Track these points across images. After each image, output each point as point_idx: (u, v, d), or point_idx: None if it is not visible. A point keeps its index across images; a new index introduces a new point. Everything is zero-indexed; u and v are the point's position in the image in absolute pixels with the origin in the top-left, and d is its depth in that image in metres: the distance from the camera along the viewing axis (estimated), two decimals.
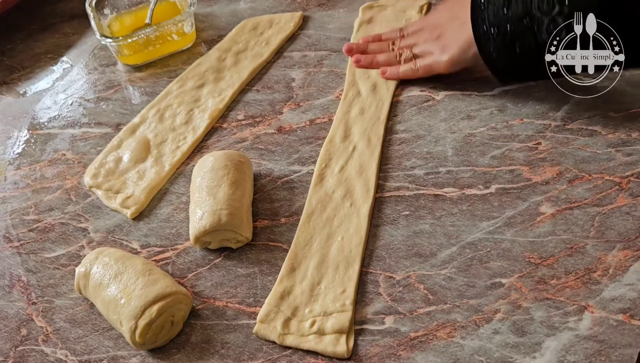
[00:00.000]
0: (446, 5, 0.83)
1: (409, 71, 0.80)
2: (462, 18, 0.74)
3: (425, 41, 0.80)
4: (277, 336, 0.59)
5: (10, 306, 0.66)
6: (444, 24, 0.79)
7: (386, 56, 0.83)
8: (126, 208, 0.73)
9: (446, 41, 0.77)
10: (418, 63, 0.80)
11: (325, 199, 0.69)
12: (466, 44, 0.74)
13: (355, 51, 0.85)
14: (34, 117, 0.88)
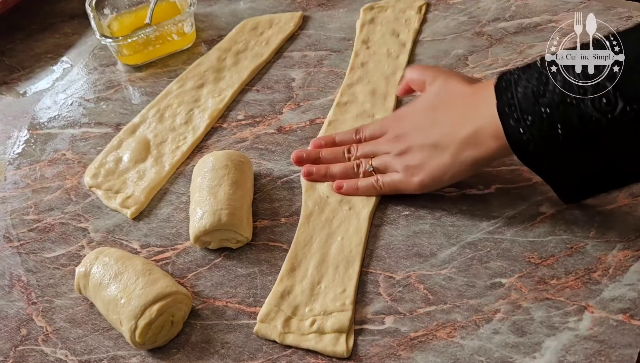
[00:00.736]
0: (413, 111, 0.69)
1: (370, 188, 0.68)
2: (435, 137, 0.63)
3: (385, 153, 0.68)
4: (278, 335, 0.59)
5: (10, 306, 0.66)
6: (411, 135, 0.66)
7: (342, 167, 0.70)
8: (126, 208, 0.73)
9: (413, 162, 0.65)
10: (380, 180, 0.67)
11: (321, 202, 0.69)
12: (440, 170, 0.63)
13: (305, 161, 0.72)
14: (34, 117, 0.88)
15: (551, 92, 0.54)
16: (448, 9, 0.91)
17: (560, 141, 0.54)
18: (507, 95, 0.57)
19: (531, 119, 0.55)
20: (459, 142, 0.61)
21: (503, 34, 0.85)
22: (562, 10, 0.86)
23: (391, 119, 0.71)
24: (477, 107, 0.60)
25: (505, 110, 0.57)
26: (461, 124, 0.61)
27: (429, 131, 0.64)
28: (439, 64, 0.83)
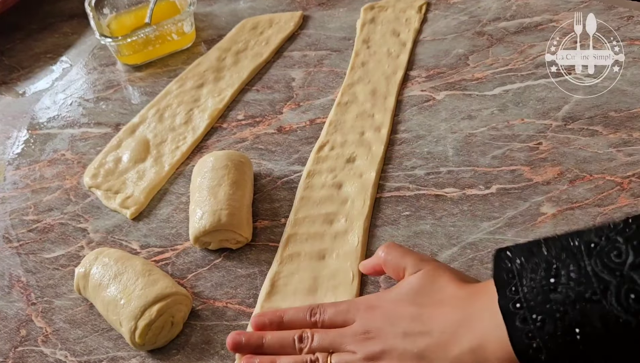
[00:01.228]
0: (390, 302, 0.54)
1: None
2: (423, 348, 0.49)
3: (351, 352, 0.52)
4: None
5: (9, 307, 0.66)
6: (386, 335, 0.51)
7: (292, 361, 0.53)
8: (126, 208, 0.72)
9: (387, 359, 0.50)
10: None
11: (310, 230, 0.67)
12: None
13: (244, 347, 0.55)
14: (34, 117, 0.87)
15: (564, 286, 0.43)
16: (448, 9, 0.91)
17: (581, 349, 0.42)
18: (512, 289, 0.45)
19: (541, 319, 0.43)
20: (452, 359, 0.48)
21: (504, 34, 0.85)
22: (562, 10, 0.86)
23: (361, 304, 0.55)
24: (476, 315, 0.48)
25: (509, 308, 0.45)
26: (455, 335, 0.48)
27: (412, 338, 0.50)
28: (439, 64, 0.83)
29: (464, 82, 0.80)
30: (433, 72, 0.82)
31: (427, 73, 0.82)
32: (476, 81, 0.79)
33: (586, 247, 0.43)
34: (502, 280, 0.46)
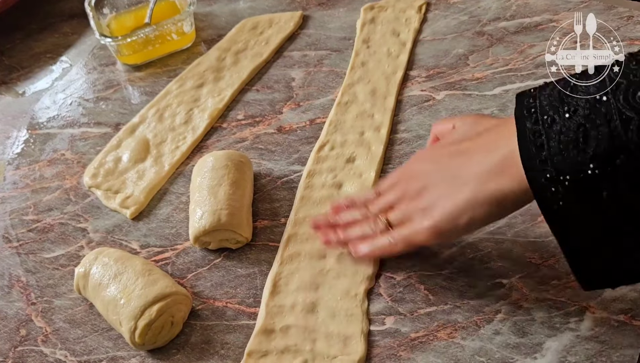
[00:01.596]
0: (433, 149, 0.61)
1: (386, 246, 0.58)
2: (455, 169, 0.54)
3: (400, 200, 0.58)
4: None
5: (9, 307, 0.66)
6: (427, 172, 0.56)
7: (359, 230, 0.61)
8: (125, 208, 0.72)
9: (430, 199, 0.55)
10: (395, 235, 0.58)
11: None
12: (458, 209, 0.52)
13: (323, 227, 0.64)
14: (33, 117, 0.87)
15: (578, 89, 0.45)
16: (448, 9, 0.91)
17: (581, 147, 0.43)
18: (529, 100, 0.49)
19: (550, 119, 0.45)
20: (482, 174, 0.50)
21: (504, 34, 0.85)
22: (562, 9, 0.86)
23: (410, 160, 0.62)
24: (503, 134, 0.51)
25: (523, 113, 0.48)
26: (484, 152, 0.51)
27: (449, 165, 0.54)
28: (439, 63, 0.83)
29: (464, 82, 0.80)
30: (433, 72, 0.82)
31: (427, 73, 0.82)
32: (476, 80, 0.79)
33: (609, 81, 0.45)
34: (522, 95, 0.50)
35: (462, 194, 0.52)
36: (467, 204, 0.52)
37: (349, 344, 0.57)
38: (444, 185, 0.54)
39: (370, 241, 0.60)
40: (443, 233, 0.54)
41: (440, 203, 0.53)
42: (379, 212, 0.60)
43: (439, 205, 0.53)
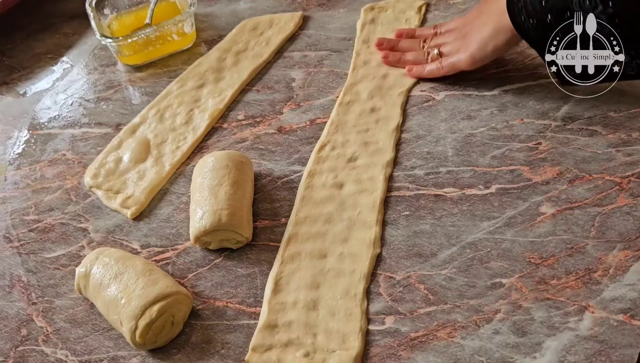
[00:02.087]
0: (477, 5, 0.83)
1: (434, 69, 0.80)
2: (485, 16, 0.76)
3: (453, 40, 0.80)
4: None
5: (10, 307, 0.66)
6: (471, 22, 0.79)
7: (414, 55, 0.83)
8: (126, 208, 0.73)
9: (469, 39, 0.77)
10: (443, 62, 0.80)
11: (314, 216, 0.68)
12: (483, 41, 0.75)
13: (385, 47, 0.85)
14: (34, 117, 0.88)
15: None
16: (448, 9, 0.91)
17: (548, 22, 0.68)
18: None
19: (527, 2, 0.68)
20: (496, 10, 0.73)
21: None
22: None
23: (458, 18, 0.84)
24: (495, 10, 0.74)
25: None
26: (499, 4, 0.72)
27: (480, 13, 0.78)
28: None
29: (464, 83, 0.80)
30: None
31: None
32: (476, 81, 0.80)
33: None
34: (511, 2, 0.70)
35: (488, 27, 0.75)
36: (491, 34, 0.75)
37: (347, 340, 0.57)
38: (478, 29, 0.76)
39: (422, 65, 0.82)
40: (479, 59, 0.77)
41: (474, 40, 0.76)
42: (434, 45, 0.82)
43: (474, 42, 0.76)
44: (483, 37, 0.75)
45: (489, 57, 0.77)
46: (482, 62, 0.77)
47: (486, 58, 0.77)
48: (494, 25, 0.74)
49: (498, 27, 0.73)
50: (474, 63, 0.77)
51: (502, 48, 0.75)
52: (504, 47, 0.75)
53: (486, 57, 0.77)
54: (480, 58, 0.77)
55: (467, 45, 0.77)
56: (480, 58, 0.77)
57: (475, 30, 0.77)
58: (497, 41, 0.74)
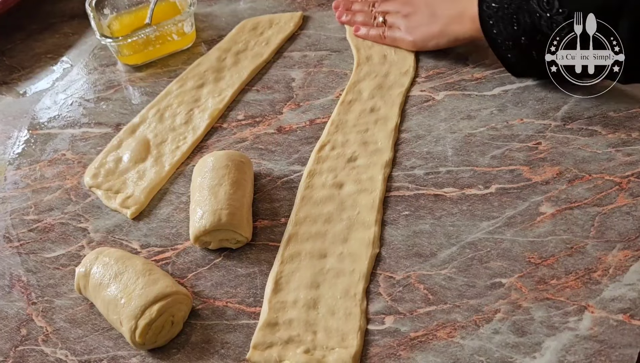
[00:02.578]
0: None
1: (377, 37, 0.87)
2: (434, 9, 0.81)
3: (395, 13, 0.86)
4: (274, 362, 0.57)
5: (10, 306, 0.66)
6: (417, 4, 0.84)
7: (363, 17, 0.89)
8: (126, 208, 0.73)
9: (413, 24, 0.83)
10: (386, 32, 0.86)
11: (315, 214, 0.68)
12: (430, 36, 0.82)
13: (342, 7, 0.92)
14: (34, 117, 0.88)
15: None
16: None
17: (515, 29, 0.71)
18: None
19: (497, 8, 0.72)
20: (448, 17, 0.80)
21: None
22: None
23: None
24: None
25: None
26: (455, 6, 0.79)
27: (432, 3, 0.82)
28: (438, 64, 0.83)
29: (464, 83, 0.80)
30: (432, 73, 0.82)
31: (426, 73, 0.83)
32: (475, 81, 0.80)
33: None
34: None
35: (433, 28, 0.82)
36: (434, 36, 0.82)
37: (347, 339, 0.57)
38: (426, 18, 0.82)
39: (368, 28, 0.88)
40: (420, 47, 0.84)
41: (419, 29, 0.83)
42: (379, 12, 0.88)
43: (418, 30, 0.83)
44: (430, 33, 0.82)
45: (429, 49, 0.84)
46: (422, 50, 0.84)
47: (426, 49, 0.84)
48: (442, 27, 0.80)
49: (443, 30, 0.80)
50: (415, 48, 0.84)
51: (443, 46, 0.82)
52: (445, 46, 0.82)
53: (426, 48, 0.84)
54: (422, 47, 0.84)
55: (410, 28, 0.84)
56: (421, 47, 0.84)
57: (422, 19, 0.82)
58: (439, 41, 0.81)
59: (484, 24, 0.74)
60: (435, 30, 0.81)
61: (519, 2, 0.70)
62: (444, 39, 0.81)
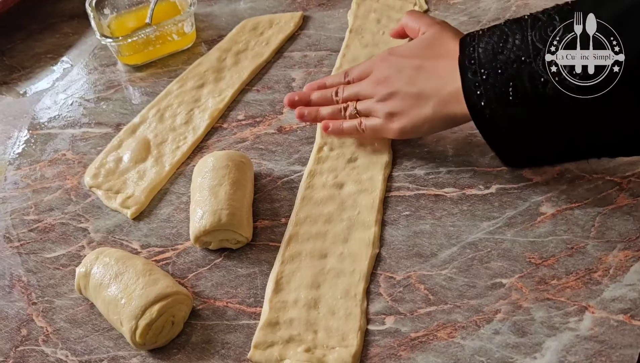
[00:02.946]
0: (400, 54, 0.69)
1: (354, 130, 0.71)
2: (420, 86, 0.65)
3: (369, 96, 0.70)
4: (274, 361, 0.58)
5: (10, 307, 0.66)
6: (394, 80, 0.67)
7: (330, 110, 0.73)
8: (126, 208, 0.73)
9: (396, 108, 0.67)
10: (364, 123, 0.70)
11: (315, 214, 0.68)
12: (420, 120, 0.66)
13: (298, 103, 0.75)
14: (34, 117, 0.88)
15: (509, 50, 0.57)
16: (448, 9, 0.91)
17: (510, 100, 0.56)
18: (470, 50, 0.60)
19: (486, 74, 0.57)
20: (441, 97, 0.63)
21: None
22: None
23: (378, 59, 0.71)
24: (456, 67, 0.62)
25: (465, 63, 0.60)
26: (446, 80, 0.63)
27: (414, 80, 0.66)
28: None
29: None
30: None
31: None
32: None
33: (532, 22, 0.57)
34: (465, 42, 0.61)
35: (425, 111, 0.65)
36: (428, 119, 0.65)
37: (347, 338, 0.57)
38: (410, 99, 0.66)
39: (339, 122, 0.72)
40: (408, 135, 0.68)
41: (406, 113, 0.66)
42: (348, 98, 0.72)
43: (405, 115, 0.66)
44: (418, 117, 0.66)
45: (420, 135, 0.70)
46: (410, 137, 0.70)
47: (416, 135, 0.70)
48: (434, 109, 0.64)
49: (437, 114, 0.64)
50: (401, 136, 0.69)
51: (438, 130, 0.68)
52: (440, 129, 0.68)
53: (417, 135, 0.70)
54: (410, 134, 0.69)
55: (394, 115, 0.67)
56: (409, 134, 0.69)
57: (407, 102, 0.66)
58: (433, 125, 0.66)
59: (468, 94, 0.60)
60: (428, 112, 0.65)
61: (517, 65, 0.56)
62: (439, 122, 0.65)
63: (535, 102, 0.56)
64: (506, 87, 0.56)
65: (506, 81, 0.56)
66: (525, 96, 0.56)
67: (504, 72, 0.56)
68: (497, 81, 0.57)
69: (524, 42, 0.56)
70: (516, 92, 0.56)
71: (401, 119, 0.67)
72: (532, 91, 0.55)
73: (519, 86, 0.56)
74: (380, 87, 0.68)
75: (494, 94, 0.57)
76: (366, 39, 0.88)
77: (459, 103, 0.61)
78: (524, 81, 0.55)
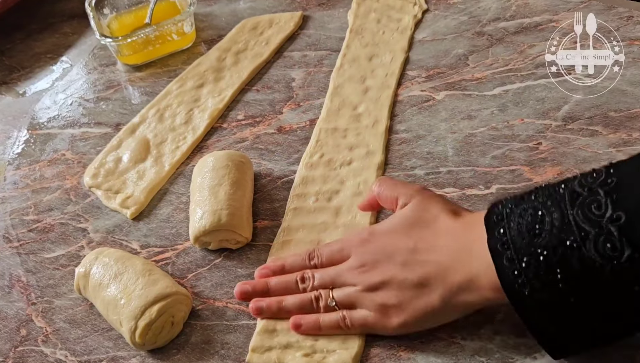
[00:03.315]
0: (384, 234, 0.58)
1: (336, 326, 0.57)
2: (421, 273, 0.54)
3: (350, 284, 0.57)
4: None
5: (9, 307, 0.66)
6: (384, 266, 0.55)
7: (298, 300, 0.58)
8: (126, 208, 0.72)
9: (390, 300, 0.55)
10: (348, 318, 0.56)
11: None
12: (427, 312, 0.54)
13: (251, 295, 0.60)
14: (34, 117, 0.87)
15: (548, 233, 0.47)
16: (448, 9, 0.91)
17: (560, 287, 0.46)
18: (500, 231, 0.50)
19: (527, 261, 0.48)
20: (450, 286, 0.52)
21: (503, 34, 0.85)
22: (562, 10, 0.86)
23: (353, 239, 0.59)
24: (469, 249, 0.52)
25: (497, 248, 0.49)
26: (452, 266, 0.53)
27: (411, 267, 0.54)
28: (439, 64, 0.83)
29: (464, 82, 0.80)
30: (433, 72, 0.82)
31: (426, 73, 0.82)
32: (476, 81, 0.79)
33: (570, 196, 0.47)
34: (491, 222, 0.51)
35: (431, 301, 0.53)
36: (436, 311, 0.53)
37: (347, 340, 0.57)
38: (409, 290, 0.54)
39: (314, 317, 0.57)
40: (411, 329, 0.56)
41: (406, 306, 0.54)
42: (320, 287, 0.58)
43: (405, 308, 0.54)
44: (426, 305, 0.54)
45: (427, 327, 0.56)
46: (413, 331, 0.56)
47: (422, 329, 0.56)
48: (443, 300, 0.53)
49: (447, 305, 0.53)
50: (402, 332, 0.56)
51: (449, 320, 0.56)
52: (451, 319, 0.56)
53: (422, 328, 0.56)
54: (414, 329, 0.56)
55: (390, 307, 0.55)
56: (413, 329, 0.56)
57: (404, 293, 0.54)
58: (443, 317, 0.55)
59: (508, 283, 0.49)
60: (435, 304, 0.53)
61: (562, 250, 0.46)
62: (448, 313, 0.54)
63: (590, 287, 0.46)
64: (554, 275, 0.47)
65: (552, 268, 0.47)
66: (578, 281, 0.46)
67: (547, 260, 0.47)
68: (539, 269, 0.47)
69: (564, 223, 0.47)
70: (567, 281, 0.46)
71: (400, 313, 0.54)
72: (585, 276, 0.46)
73: (568, 272, 0.46)
74: (366, 276, 0.56)
75: (539, 284, 0.47)
76: (366, 38, 0.88)
77: (477, 291, 0.52)
78: (573, 266, 0.46)
